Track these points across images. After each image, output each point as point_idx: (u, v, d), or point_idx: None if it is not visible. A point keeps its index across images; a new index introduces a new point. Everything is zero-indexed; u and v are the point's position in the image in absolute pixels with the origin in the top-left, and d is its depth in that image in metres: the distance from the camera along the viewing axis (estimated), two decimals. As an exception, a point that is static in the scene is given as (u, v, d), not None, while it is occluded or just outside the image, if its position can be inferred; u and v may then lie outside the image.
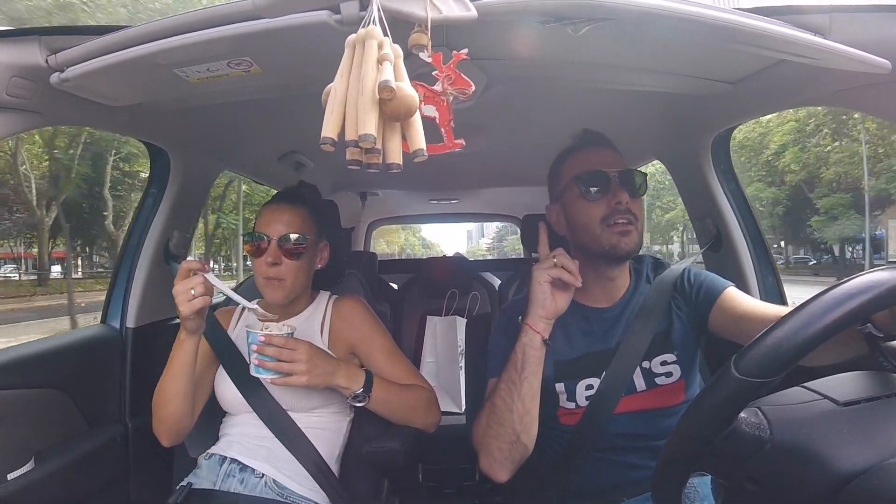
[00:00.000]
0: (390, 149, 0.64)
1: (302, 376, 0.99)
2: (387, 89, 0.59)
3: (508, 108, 1.34)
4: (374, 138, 0.59)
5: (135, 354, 1.40)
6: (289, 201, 1.17)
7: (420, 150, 0.64)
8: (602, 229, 0.99)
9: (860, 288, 0.49)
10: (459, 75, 0.68)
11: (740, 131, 13.54)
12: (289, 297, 1.14)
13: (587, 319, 1.07)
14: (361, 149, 0.61)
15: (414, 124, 0.64)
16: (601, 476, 1.00)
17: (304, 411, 1.12)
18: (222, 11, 0.77)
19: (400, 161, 0.64)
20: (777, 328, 0.50)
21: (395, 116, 0.62)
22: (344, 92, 0.61)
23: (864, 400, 0.55)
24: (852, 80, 0.87)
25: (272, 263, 1.10)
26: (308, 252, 1.15)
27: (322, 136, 0.60)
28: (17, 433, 1.06)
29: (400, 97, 0.60)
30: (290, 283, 1.12)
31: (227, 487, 1.06)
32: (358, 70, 0.61)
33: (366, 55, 0.61)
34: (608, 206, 0.99)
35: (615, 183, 0.99)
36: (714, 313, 1.00)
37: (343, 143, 0.61)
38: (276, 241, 1.10)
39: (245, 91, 1.03)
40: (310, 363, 0.99)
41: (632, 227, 0.99)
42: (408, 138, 0.65)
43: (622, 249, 0.99)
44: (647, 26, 0.76)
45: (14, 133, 0.94)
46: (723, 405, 0.52)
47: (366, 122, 0.59)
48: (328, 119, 0.61)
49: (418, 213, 3.68)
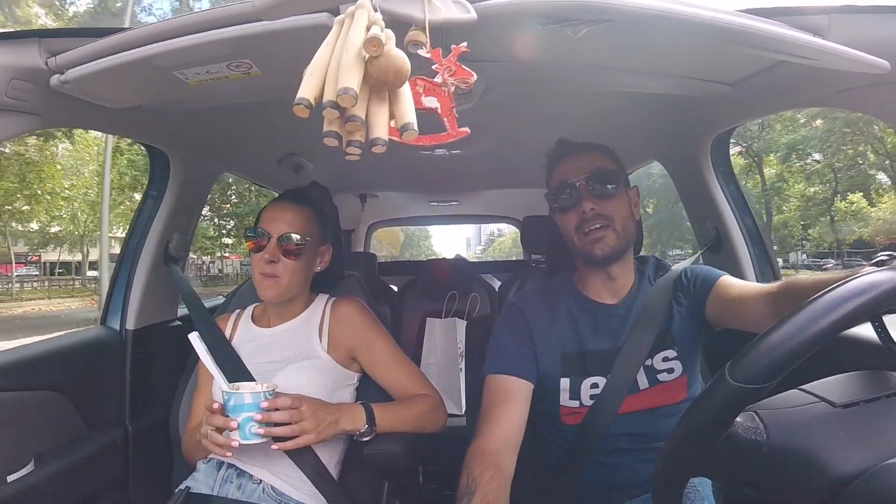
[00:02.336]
0: (375, 122, 0.58)
1: (311, 434, 0.97)
2: (374, 42, 0.53)
3: (508, 110, 1.34)
4: (354, 93, 0.52)
5: (135, 356, 1.40)
6: (295, 200, 1.17)
7: (409, 123, 0.59)
8: (578, 238, 1.03)
9: (855, 291, 0.48)
10: (460, 66, 0.66)
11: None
12: (282, 297, 1.14)
13: (594, 315, 1.07)
14: (341, 114, 0.55)
15: (402, 96, 0.60)
16: (603, 478, 1.00)
17: None
18: (222, 13, 0.77)
19: (385, 136, 0.58)
20: (771, 333, 0.49)
21: (383, 79, 0.56)
22: (328, 56, 0.56)
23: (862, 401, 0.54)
24: (852, 81, 0.87)
25: (269, 261, 1.10)
26: (308, 253, 1.15)
27: (297, 97, 0.54)
28: (16, 435, 1.06)
29: (388, 55, 0.55)
30: (286, 282, 1.12)
31: (224, 493, 1.05)
32: (344, 38, 0.56)
33: (354, 21, 0.57)
34: (577, 216, 1.02)
35: (582, 191, 1.02)
36: (710, 301, 1.01)
37: (320, 110, 0.55)
38: (276, 239, 1.10)
39: (245, 93, 1.04)
40: (315, 418, 0.98)
41: (605, 231, 1.01)
42: (395, 113, 0.59)
43: (597, 256, 1.02)
44: (646, 28, 0.76)
45: (13, 135, 0.94)
46: (718, 411, 0.51)
47: (347, 76, 0.53)
48: (306, 80, 0.55)
49: (418, 214, 3.68)
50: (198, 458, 1.12)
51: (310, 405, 0.99)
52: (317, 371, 1.13)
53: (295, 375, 1.10)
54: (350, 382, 1.18)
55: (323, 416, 1.00)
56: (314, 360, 1.14)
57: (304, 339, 1.16)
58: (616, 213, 1.02)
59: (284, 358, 1.14)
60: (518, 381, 1.02)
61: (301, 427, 0.96)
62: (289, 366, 1.12)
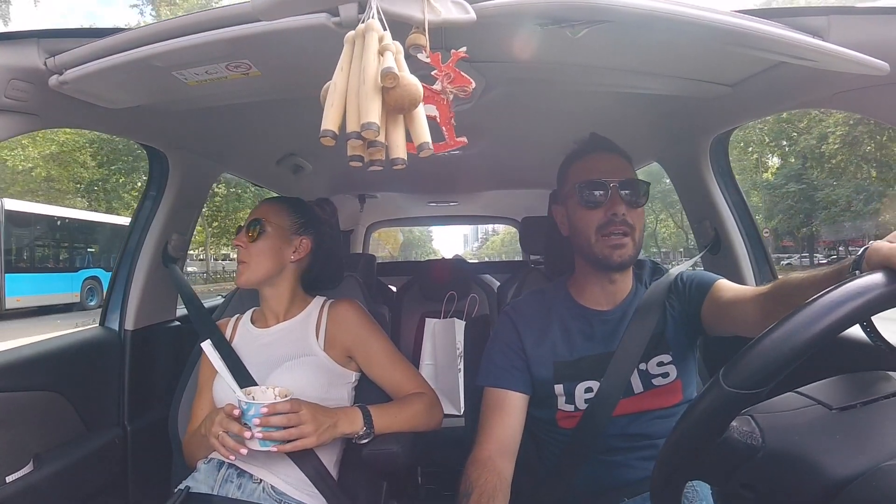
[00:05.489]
0: (394, 143, 0.61)
1: (311, 438, 0.98)
2: (390, 76, 0.57)
3: (507, 111, 1.34)
4: (377, 127, 0.57)
5: (133, 357, 1.40)
6: (279, 200, 1.25)
7: (425, 143, 0.62)
8: (597, 238, 1.00)
9: (849, 294, 0.48)
10: (459, 73, 0.67)
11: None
12: (251, 282, 1.18)
13: (588, 322, 1.06)
14: (364, 142, 0.59)
15: (418, 117, 0.63)
16: (600, 477, 1.00)
17: None
18: (221, 14, 0.77)
19: (405, 156, 0.62)
20: (765, 338, 0.49)
21: (399, 106, 0.59)
22: (344, 84, 0.60)
23: (859, 404, 0.54)
24: (851, 82, 0.87)
25: (241, 248, 1.17)
26: (273, 238, 1.19)
27: (322, 129, 0.58)
28: (15, 436, 1.06)
29: (403, 85, 0.58)
30: (253, 265, 1.17)
31: (224, 492, 1.05)
32: (358, 62, 0.59)
33: (366, 46, 0.59)
34: (604, 216, 1.00)
35: (614, 192, 1.00)
36: (706, 306, 1.00)
37: (344, 139, 0.59)
38: (246, 227, 1.19)
39: (243, 94, 1.03)
40: (315, 422, 0.99)
41: (627, 238, 0.99)
42: (412, 132, 0.63)
43: (614, 262, 1.00)
44: (646, 29, 0.76)
45: (12, 135, 0.94)
46: (713, 417, 0.51)
47: (368, 110, 0.57)
48: (328, 112, 0.59)
49: (417, 215, 3.68)
50: (199, 458, 1.13)
51: (309, 409, 0.99)
52: (313, 368, 1.14)
53: (291, 372, 1.11)
54: (347, 381, 1.19)
55: (322, 420, 1.00)
56: (311, 358, 1.15)
57: (302, 338, 1.18)
58: (638, 224, 1.01)
59: (281, 355, 1.15)
60: (512, 394, 1.03)
61: (300, 431, 0.97)
62: (285, 363, 1.13)
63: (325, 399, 1.10)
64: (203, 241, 20.83)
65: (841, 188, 18.43)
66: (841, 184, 18.59)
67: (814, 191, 19.41)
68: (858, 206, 17.71)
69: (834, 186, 18.58)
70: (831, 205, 18.75)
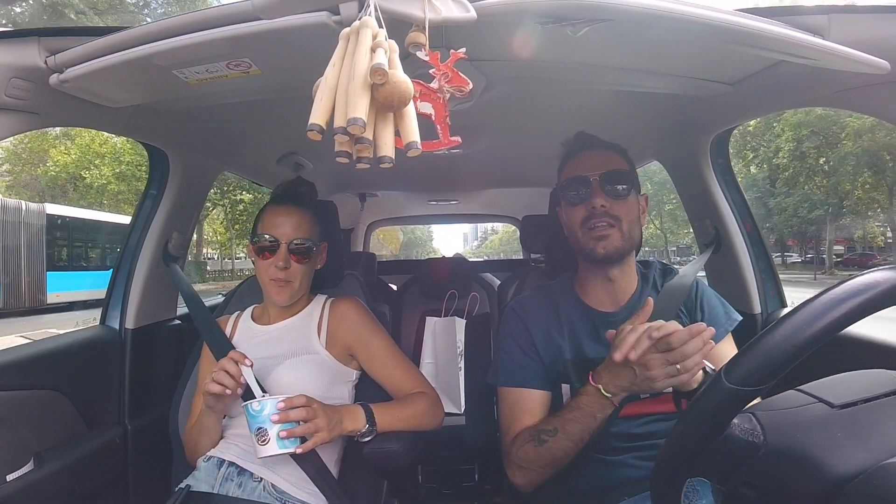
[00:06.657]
0: (382, 141, 0.61)
1: (324, 432, 0.98)
2: (379, 72, 0.57)
3: (507, 110, 1.34)
4: (363, 122, 0.56)
5: (134, 356, 1.40)
6: (296, 203, 1.18)
7: (413, 142, 0.62)
8: (583, 233, 1.02)
9: (849, 292, 0.48)
10: (457, 73, 0.68)
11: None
12: (293, 299, 1.17)
13: (594, 323, 1.06)
14: (351, 138, 0.59)
15: (407, 116, 0.62)
16: (600, 476, 1.00)
17: None
18: (221, 12, 0.77)
19: (392, 154, 0.61)
20: (767, 336, 0.49)
21: (388, 104, 0.59)
22: (335, 79, 0.59)
23: (860, 401, 0.54)
24: (851, 81, 0.87)
25: (283, 267, 1.12)
26: (316, 255, 1.18)
27: (309, 123, 0.57)
28: (16, 434, 1.06)
29: (393, 82, 0.58)
30: (297, 284, 1.15)
31: (225, 491, 1.05)
32: (350, 59, 0.59)
33: (359, 42, 0.59)
34: (586, 210, 1.01)
35: (595, 186, 1.01)
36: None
37: (332, 134, 0.58)
38: (286, 245, 1.13)
39: (244, 92, 1.03)
40: (326, 417, 0.99)
41: (611, 230, 1.00)
42: (401, 131, 0.62)
43: (598, 253, 1.01)
44: (646, 27, 0.76)
45: (12, 134, 0.94)
46: (715, 414, 0.51)
47: (356, 106, 0.56)
48: (317, 105, 0.59)
49: (417, 213, 3.68)
50: (200, 451, 1.13)
51: (319, 404, 1.00)
52: (315, 366, 1.14)
53: (293, 370, 1.12)
54: (348, 379, 1.19)
55: (331, 416, 1.01)
56: (313, 356, 1.15)
57: (303, 335, 1.18)
58: (625, 215, 1.01)
59: (283, 353, 1.15)
60: (536, 393, 1.03)
61: (315, 425, 0.97)
62: (287, 360, 1.13)
63: (326, 397, 1.10)
64: (224, 242, 22.16)
65: (789, 197, 21.05)
66: (786, 193, 21.17)
67: (769, 197, 21.82)
68: (803, 213, 20.62)
69: (784, 195, 21.26)
70: (781, 211, 21.28)
